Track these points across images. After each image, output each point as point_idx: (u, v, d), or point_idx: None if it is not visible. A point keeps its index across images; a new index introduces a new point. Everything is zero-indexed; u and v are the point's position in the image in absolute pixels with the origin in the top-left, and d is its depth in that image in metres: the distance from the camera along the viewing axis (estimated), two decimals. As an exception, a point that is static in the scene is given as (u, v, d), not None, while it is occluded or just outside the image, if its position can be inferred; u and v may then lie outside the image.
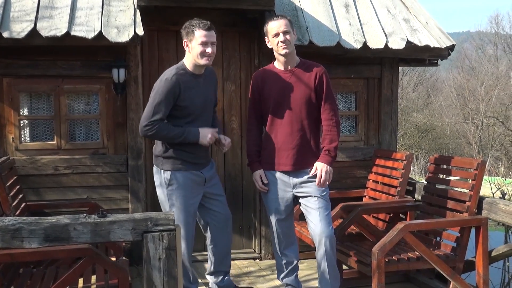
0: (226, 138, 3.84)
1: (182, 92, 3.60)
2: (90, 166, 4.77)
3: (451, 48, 5.19)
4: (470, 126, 23.50)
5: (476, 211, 4.09)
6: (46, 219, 2.46)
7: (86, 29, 4.39)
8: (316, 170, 3.72)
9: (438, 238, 4.32)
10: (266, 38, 3.79)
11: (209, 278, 4.07)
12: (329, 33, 4.95)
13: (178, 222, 3.71)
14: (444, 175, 4.49)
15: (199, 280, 4.31)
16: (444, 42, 5.13)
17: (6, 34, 4.25)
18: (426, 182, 4.56)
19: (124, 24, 4.51)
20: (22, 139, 4.71)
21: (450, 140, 24.33)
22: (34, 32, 4.31)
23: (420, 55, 5.21)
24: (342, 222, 4.38)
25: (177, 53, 5.05)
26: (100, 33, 4.38)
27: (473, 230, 4.04)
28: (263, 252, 5.22)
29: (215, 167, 4.00)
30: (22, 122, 4.71)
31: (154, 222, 2.50)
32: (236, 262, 5.13)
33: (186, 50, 3.66)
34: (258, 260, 5.22)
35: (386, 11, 5.33)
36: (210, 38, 3.58)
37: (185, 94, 3.61)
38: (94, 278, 3.59)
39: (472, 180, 4.05)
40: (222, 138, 3.81)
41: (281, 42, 3.65)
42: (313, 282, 4.54)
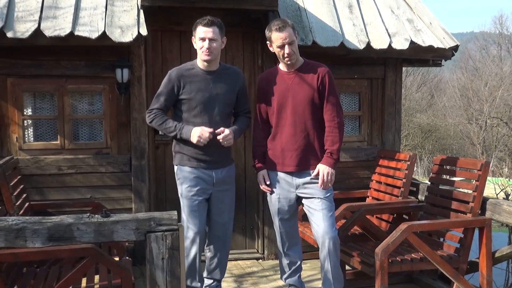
0: (226, 131, 3.68)
1: (184, 84, 3.69)
2: (93, 166, 4.78)
3: (455, 48, 5.18)
4: (473, 126, 23.47)
5: (479, 212, 4.08)
6: (49, 219, 2.46)
7: (90, 29, 4.40)
8: (318, 173, 3.72)
9: (441, 239, 4.31)
10: (268, 43, 3.77)
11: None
12: (332, 33, 4.94)
13: (184, 213, 3.76)
14: (447, 176, 4.47)
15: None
16: (448, 43, 5.12)
17: (10, 34, 4.26)
18: (429, 183, 4.55)
19: (127, 24, 4.52)
20: (26, 139, 4.73)
21: (454, 140, 24.28)
22: (38, 32, 4.32)
23: (423, 56, 5.20)
24: (345, 222, 4.38)
25: (180, 53, 5.06)
26: (103, 33, 4.39)
27: (476, 231, 4.03)
28: (266, 252, 5.22)
29: (231, 174, 3.91)
30: (26, 122, 4.73)
31: (157, 222, 2.51)
32: (239, 262, 5.14)
33: (195, 47, 3.77)
34: (261, 260, 5.22)
35: (389, 12, 5.32)
36: (207, 34, 3.62)
37: (188, 87, 3.69)
38: (97, 277, 3.59)
39: (475, 181, 4.04)
40: (220, 130, 3.66)
41: (287, 54, 3.65)
42: (316, 283, 4.53)
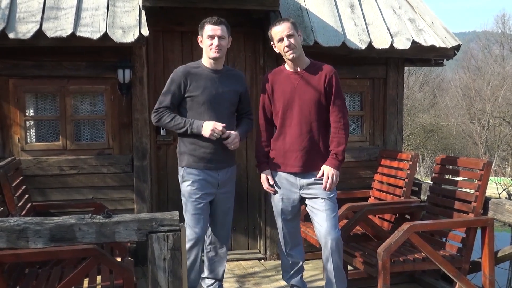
0: (232, 134, 3.72)
1: (190, 82, 3.70)
2: (95, 166, 4.78)
3: (457, 48, 5.17)
4: (476, 126, 23.43)
5: (482, 212, 4.07)
6: (51, 220, 2.46)
7: (91, 29, 4.41)
8: (323, 174, 3.72)
9: (443, 239, 4.31)
10: (272, 43, 3.80)
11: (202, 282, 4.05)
12: (334, 33, 4.94)
13: (186, 214, 3.76)
14: (450, 176, 4.47)
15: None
16: (449, 42, 5.11)
17: (12, 35, 4.27)
18: (431, 183, 4.54)
19: (129, 24, 4.52)
20: (28, 140, 4.73)
21: (456, 140, 24.26)
22: (39, 33, 4.32)
23: (425, 55, 5.20)
24: (347, 222, 4.37)
25: (182, 53, 5.06)
26: (105, 33, 4.39)
27: (479, 231, 4.02)
28: (268, 252, 5.22)
29: (234, 174, 3.93)
30: (28, 122, 4.73)
31: (159, 223, 2.51)
32: (241, 262, 5.14)
33: (201, 46, 3.79)
34: (263, 260, 5.22)
35: (391, 11, 5.32)
36: (216, 32, 3.68)
37: (194, 84, 3.70)
38: (99, 278, 3.59)
39: (478, 180, 4.04)
40: (227, 134, 3.70)
41: (286, 47, 3.65)
42: (318, 283, 4.53)
